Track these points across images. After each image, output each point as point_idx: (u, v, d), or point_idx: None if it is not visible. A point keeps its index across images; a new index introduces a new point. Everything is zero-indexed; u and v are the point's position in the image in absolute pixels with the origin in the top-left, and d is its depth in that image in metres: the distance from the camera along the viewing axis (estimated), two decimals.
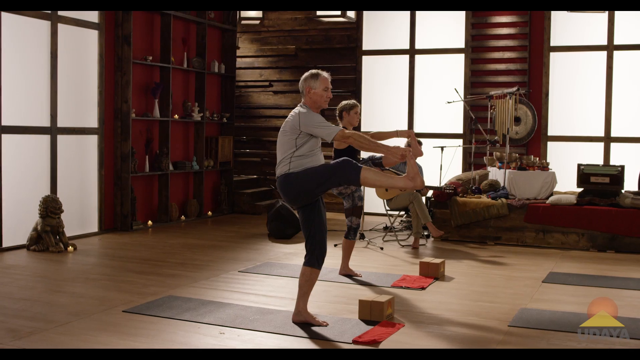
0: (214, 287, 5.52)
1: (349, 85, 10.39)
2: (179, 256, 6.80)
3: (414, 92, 10.15)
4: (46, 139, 7.38)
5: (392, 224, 8.12)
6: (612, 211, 7.42)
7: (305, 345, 4.11)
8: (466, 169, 9.74)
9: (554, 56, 9.51)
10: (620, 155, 9.18)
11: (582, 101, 9.48)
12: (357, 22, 10.34)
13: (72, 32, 7.67)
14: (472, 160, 9.26)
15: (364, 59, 10.43)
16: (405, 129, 8.20)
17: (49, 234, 6.89)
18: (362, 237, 7.76)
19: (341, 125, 5.97)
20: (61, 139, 7.54)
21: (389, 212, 8.04)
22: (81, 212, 7.89)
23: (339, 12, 9.48)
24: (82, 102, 7.89)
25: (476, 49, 9.83)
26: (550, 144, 9.58)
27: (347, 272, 6.01)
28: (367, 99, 10.35)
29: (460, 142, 9.75)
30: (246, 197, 10.28)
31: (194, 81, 9.65)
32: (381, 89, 10.36)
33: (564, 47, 9.47)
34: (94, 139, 8.03)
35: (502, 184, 8.18)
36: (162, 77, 8.86)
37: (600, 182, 7.67)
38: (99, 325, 4.41)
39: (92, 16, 7.93)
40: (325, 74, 4.53)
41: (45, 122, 7.36)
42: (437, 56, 10.04)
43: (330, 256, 5.88)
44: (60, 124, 7.51)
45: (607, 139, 9.30)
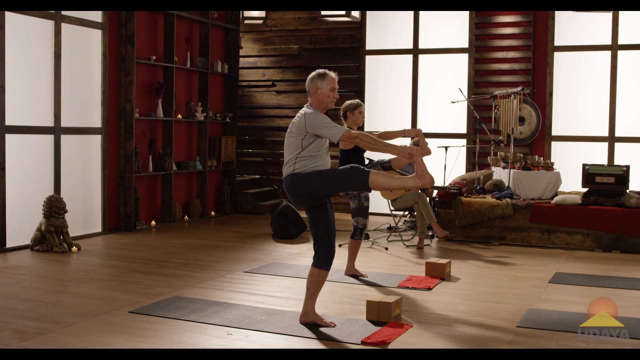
0: (220, 287, 5.50)
1: (352, 85, 10.36)
2: (184, 256, 6.78)
3: (418, 92, 10.12)
4: (50, 138, 7.36)
5: (397, 224, 8.10)
6: (618, 211, 7.40)
7: (313, 346, 4.09)
8: (470, 169, 9.72)
9: (557, 56, 9.48)
10: (624, 155, 9.16)
11: (586, 101, 9.45)
12: (361, 21, 10.32)
13: (75, 32, 7.65)
14: (476, 160, 9.23)
15: (368, 58, 10.40)
16: (413, 128, 8.18)
17: (53, 234, 6.87)
18: (366, 237, 7.74)
19: (345, 125, 5.94)
20: (65, 138, 7.52)
21: (394, 212, 8.02)
22: (84, 212, 7.87)
23: (343, 11, 9.46)
24: (86, 102, 7.87)
25: (480, 48, 9.80)
26: (554, 144, 9.56)
27: (353, 273, 5.99)
28: (370, 99, 10.32)
29: (463, 142, 9.73)
30: (249, 197, 10.26)
31: (197, 81, 9.63)
32: (385, 89, 10.33)
33: (568, 46, 9.44)
34: (97, 139, 8.01)
35: (506, 184, 8.16)
36: (166, 76, 8.84)
37: (605, 182, 7.65)
38: (105, 326, 4.39)
39: (96, 16, 7.91)
40: (332, 74, 4.49)
41: (49, 122, 7.34)
42: (440, 56, 10.02)
43: (335, 257, 5.83)
44: (63, 123, 7.49)
45: (611, 139, 9.28)
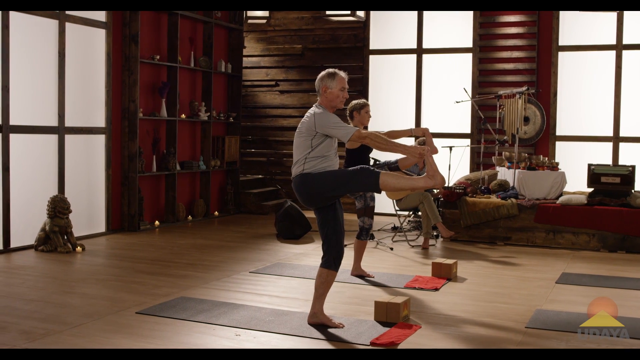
0: (226, 288, 5.47)
1: (356, 84, 10.34)
2: (189, 257, 6.76)
3: (422, 92, 10.10)
4: (54, 138, 7.33)
5: (402, 224, 8.07)
6: (623, 211, 7.38)
7: (323, 347, 4.07)
8: (474, 169, 9.69)
9: (562, 56, 9.46)
10: (629, 155, 9.13)
11: (591, 101, 9.43)
12: (365, 21, 10.29)
13: (79, 31, 7.63)
14: (481, 160, 9.21)
15: (371, 58, 10.38)
16: (420, 127, 8.15)
17: (57, 234, 6.84)
18: (371, 237, 7.69)
19: (352, 125, 5.92)
20: (69, 138, 7.50)
21: (399, 212, 7.99)
22: (88, 212, 7.85)
23: (348, 11, 9.44)
24: (90, 102, 7.85)
25: (484, 48, 9.78)
26: (558, 144, 9.54)
27: (359, 273, 5.97)
28: (374, 99, 10.29)
29: (467, 141, 9.70)
30: (252, 197, 10.24)
31: (201, 81, 9.61)
32: (388, 89, 10.31)
33: (572, 46, 9.42)
34: (101, 139, 7.98)
35: (511, 184, 8.13)
36: (169, 76, 8.82)
37: (610, 182, 7.63)
38: (113, 327, 4.36)
39: (100, 15, 7.88)
40: (342, 74, 4.46)
41: (53, 122, 7.32)
42: (444, 55, 10.00)
43: None
44: (67, 123, 7.46)
45: (616, 139, 9.26)
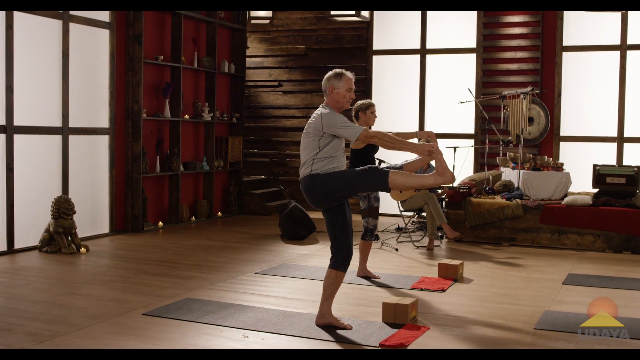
0: (232, 289, 5.45)
1: (359, 85, 10.28)
2: (193, 257, 6.74)
3: (425, 92, 10.08)
4: (58, 139, 7.31)
5: (407, 225, 8.05)
6: (629, 212, 7.36)
7: (332, 348, 4.05)
8: (478, 169, 9.67)
9: (566, 56, 9.44)
10: (633, 155, 9.11)
11: (595, 101, 9.41)
12: (368, 21, 10.27)
13: (83, 32, 7.61)
14: (485, 160, 9.19)
15: (375, 58, 10.36)
16: (425, 130, 8.12)
17: (62, 235, 6.82)
18: (376, 238, 7.69)
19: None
20: (72, 139, 7.48)
21: (403, 213, 7.97)
22: (92, 213, 7.83)
23: (353, 11, 9.42)
24: (93, 102, 7.83)
25: (488, 48, 9.76)
26: (562, 144, 9.51)
27: (365, 274, 5.95)
28: (377, 99, 10.25)
29: (471, 142, 9.68)
30: (256, 197, 10.22)
31: (204, 81, 9.59)
32: (392, 89, 10.29)
33: (576, 46, 9.40)
34: (105, 139, 7.96)
35: (516, 185, 8.11)
36: (173, 76, 8.80)
37: (616, 182, 7.60)
38: (119, 328, 4.34)
39: (104, 15, 7.86)
40: (349, 74, 4.44)
41: (56, 122, 7.30)
42: (448, 56, 9.98)
43: None
44: (71, 124, 7.44)
45: (620, 139, 9.24)
